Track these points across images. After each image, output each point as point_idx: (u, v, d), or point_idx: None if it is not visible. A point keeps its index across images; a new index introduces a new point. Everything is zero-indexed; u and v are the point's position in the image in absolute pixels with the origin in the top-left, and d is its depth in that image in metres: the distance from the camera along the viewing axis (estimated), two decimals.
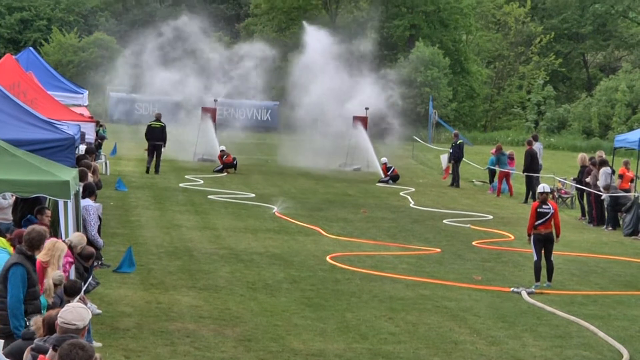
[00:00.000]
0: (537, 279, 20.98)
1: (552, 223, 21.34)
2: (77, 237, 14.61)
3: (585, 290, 21.07)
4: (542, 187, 22.56)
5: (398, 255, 23.36)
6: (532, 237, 21.20)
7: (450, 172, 39.85)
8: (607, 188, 29.82)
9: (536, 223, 20.98)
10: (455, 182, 39.19)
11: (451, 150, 40.23)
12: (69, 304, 9.71)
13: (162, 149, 38.03)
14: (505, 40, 69.85)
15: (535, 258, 21.15)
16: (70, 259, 13.87)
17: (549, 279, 21.09)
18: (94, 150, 26.32)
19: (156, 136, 37.91)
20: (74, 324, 9.15)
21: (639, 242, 28.10)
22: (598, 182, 29.98)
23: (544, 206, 21.56)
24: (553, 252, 21.29)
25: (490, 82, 68.07)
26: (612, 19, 71.03)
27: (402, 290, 20.06)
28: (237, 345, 15.40)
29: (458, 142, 40.25)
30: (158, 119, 39.21)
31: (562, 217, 32.07)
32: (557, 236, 21.54)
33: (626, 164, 31.05)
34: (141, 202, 29.58)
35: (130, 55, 70.29)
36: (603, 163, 30.48)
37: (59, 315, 9.34)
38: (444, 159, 43.33)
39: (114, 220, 25.63)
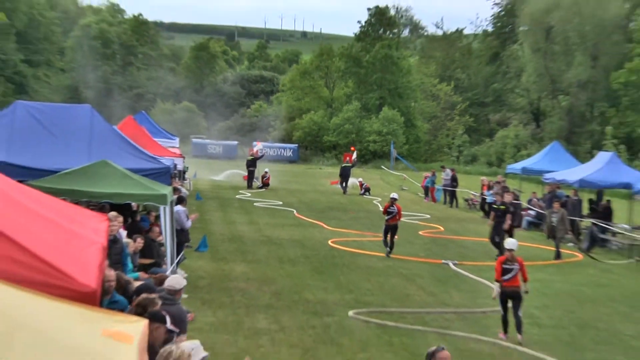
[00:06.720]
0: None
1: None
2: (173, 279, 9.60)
3: (490, 261, 21.01)
4: (393, 194, 21.94)
5: (372, 240, 23.36)
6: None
7: (342, 183, 38.73)
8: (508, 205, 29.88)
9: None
10: (344, 191, 38.27)
11: (340, 171, 39.33)
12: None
13: (254, 173, 38.30)
14: (438, 106, 69.87)
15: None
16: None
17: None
18: (176, 175, 26.47)
19: (249, 164, 38.35)
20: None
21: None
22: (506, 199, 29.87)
23: (390, 208, 20.82)
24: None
25: (429, 132, 68.06)
26: (504, 93, 71.10)
27: (375, 262, 20.07)
28: (272, 296, 15.41)
29: (348, 165, 39.44)
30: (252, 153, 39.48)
31: (469, 217, 32.11)
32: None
33: (502, 183, 30.83)
34: (211, 207, 29.61)
35: (204, 117, 70.99)
36: (505, 188, 30.35)
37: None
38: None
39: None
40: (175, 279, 9.24)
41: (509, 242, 13.75)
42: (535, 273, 19.30)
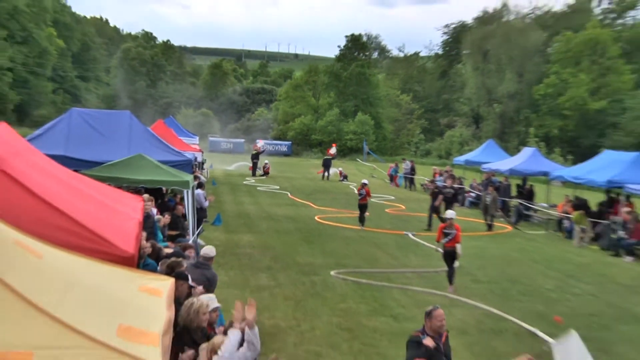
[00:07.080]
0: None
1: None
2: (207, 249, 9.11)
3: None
4: (363, 180, 22.25)
5: (349, 216, 23.36)
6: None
7: (324, 172, 38.01)
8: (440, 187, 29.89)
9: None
10: (326, 178, 37.59)
11: (323, 162, 39.02)
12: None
13: (258, 164, 37.68)
14: (400, 112, 69.77)
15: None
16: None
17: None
18: (197, 165, 26.19)
19: (253, 157, 37.94)
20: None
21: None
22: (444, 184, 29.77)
23: (361, 191, 21.15)
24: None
25: (393, 132, 67.88)
26: (451, 102, 71.01)
27: (352, 233, 20.05)
28: (271, 260, 15.37)
29: (329, 157, 39.13)
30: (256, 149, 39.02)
31: (425, 198, 32.09)
32: None
33: (450, 171, 30.81)
34: (224, 191, 29.49)
35: (218, 120, 70.53)
36: (452, 176, 30.25)
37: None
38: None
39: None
40: (209, 249, 9.13)
41: (449, 213, 13.73)
42: (474, 241, 19.40)
